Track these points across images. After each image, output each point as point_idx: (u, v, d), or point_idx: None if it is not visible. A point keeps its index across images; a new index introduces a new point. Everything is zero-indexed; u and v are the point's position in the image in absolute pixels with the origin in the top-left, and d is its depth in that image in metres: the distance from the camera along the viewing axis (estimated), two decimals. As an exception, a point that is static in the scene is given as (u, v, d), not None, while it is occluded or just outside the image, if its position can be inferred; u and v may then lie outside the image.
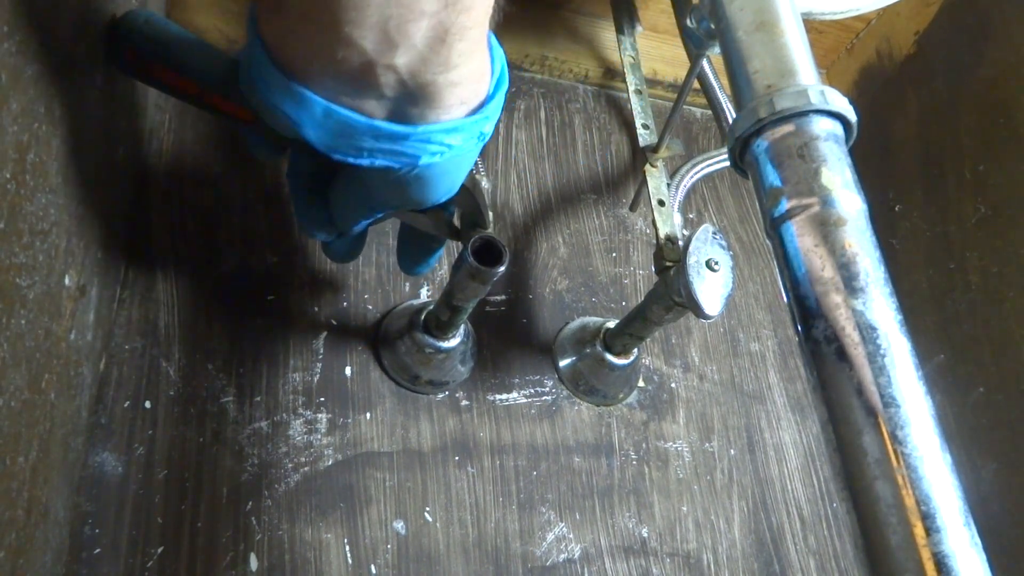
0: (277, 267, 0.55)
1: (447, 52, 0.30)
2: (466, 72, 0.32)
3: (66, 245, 0.37)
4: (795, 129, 0.32)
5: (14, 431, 0.32)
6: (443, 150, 0.33)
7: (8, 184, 0.28)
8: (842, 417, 0.29)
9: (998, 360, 0.62)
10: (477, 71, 0.33)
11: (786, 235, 0.31)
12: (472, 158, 0.37)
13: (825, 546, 0.60)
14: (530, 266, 0.63)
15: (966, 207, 0.67)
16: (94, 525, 0.44)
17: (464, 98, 0.33)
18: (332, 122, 0.32)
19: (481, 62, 0.33)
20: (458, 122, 0.33)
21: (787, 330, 0.70)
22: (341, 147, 0.33)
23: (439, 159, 0.34)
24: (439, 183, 0.37)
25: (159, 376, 0.49)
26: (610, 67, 0.74)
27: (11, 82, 0.28)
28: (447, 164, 0.35)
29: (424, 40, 0.29)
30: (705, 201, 0.75)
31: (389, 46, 0.29)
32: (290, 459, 0.49)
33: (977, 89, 0.68)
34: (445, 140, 0.33)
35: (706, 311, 0.45)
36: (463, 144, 0.34)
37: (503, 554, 0.51)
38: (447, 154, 0.34)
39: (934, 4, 0.73)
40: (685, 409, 0.62)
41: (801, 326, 0.31)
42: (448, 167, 0.35)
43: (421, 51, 0.29)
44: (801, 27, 0.36)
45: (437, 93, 0.31)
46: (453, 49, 0.30)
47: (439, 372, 0.54)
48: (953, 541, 0.26)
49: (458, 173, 0.38)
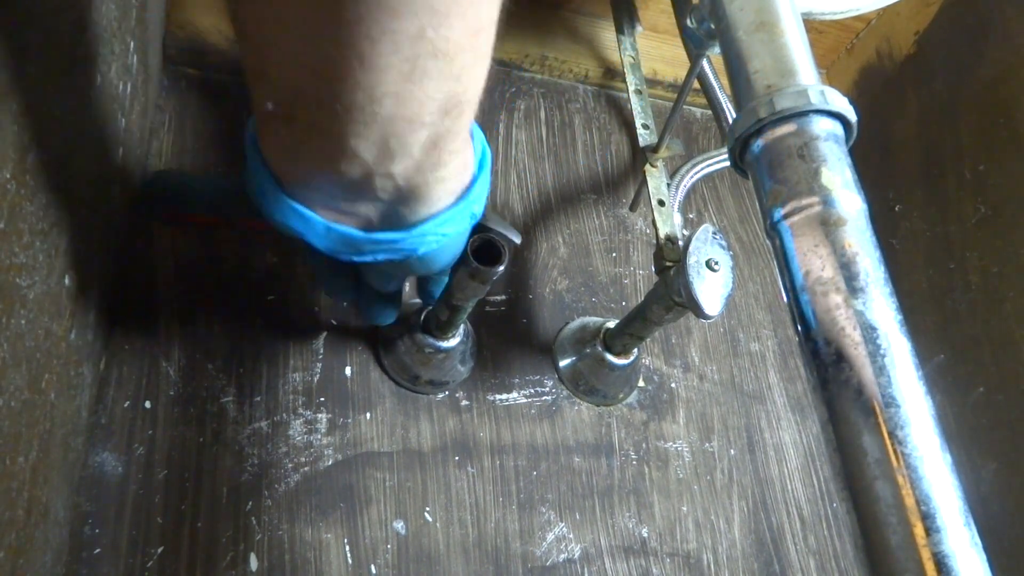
0: (277, 267, 0.55)
1: (438, 154, 0.31)
2: (454, 167, 0.33)
3: (66, 245, 0.36)
4: (795, 129, 0.32)
5: (14, 431, 0.32)
6: (439, 239, 0.35)
7: (8, 184, 0.28)
8: (842, 417, 0.29)
9: (998, 360, 0.62)
10: (463, 163, 0.34)
11: (786, 235, 0.31)
12: (467, 233, 0.39)
13: (825, 546, 0.60)
14: (530, 266, 0.63)
15: (966, 207, 0.67)
16: (94, 525, 0.44)
17: (452, 190, 0.34)
18: (334, 235, 0.34)
19: (466, 154, 0.34)
20: (448, 213, 0.35)
21: (787, 330, 0.70)
22: (344, 252, 0.35)
23: (436, 247, 0.36)
24: (442, 258, 0.39)
25: (159, 376, 0.49)
26: (610, 67, 0.74)
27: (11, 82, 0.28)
28: (447, 245, 0.37)
29: (420, 148, 0.30)
30: (705, 201, 0.75)
31: (388, 156, 0.30)
32: (290, 459, 0.49)
33: (977, 89, 0.68)
34: (439, 231, 0.35)
35: (706, 311, 0.45)
36: (457, 229, 0.36)
37: (503, 554, 0.51)
38: (443, 240, 0.36)
39: (934, 4, 0.73)
40: (685, 409, 0.62)
41: (801, 326, 0.31)
42: (448, 246, 0.37)
43: (417, 158, 0.30)
44: (801, 27, 0.36)
45: (428, 192, 0.33)
46: (444, 151, 0.31)
47: (439, 372, 0.54)
48: (953, 541, 0.26)
49: (459, 245, 0.40)
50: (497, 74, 0.72)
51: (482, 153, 0.36)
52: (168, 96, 0.58)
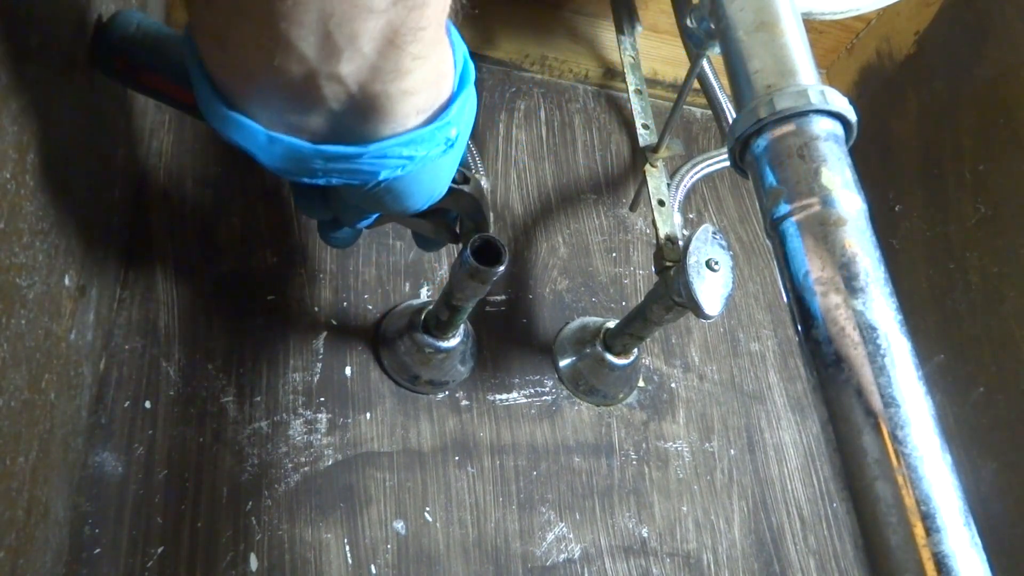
0: (277, 267, 0.55)
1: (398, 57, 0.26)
2: (421, 78, 0.28)
3: (66, 245, 0.36)
4: (795, 129, 0.32)
5: (14, 431, 0.32)
6: (404, 163, 0.31)
7: (8, 184, 0.28)
8: (842, 417, 0.28)
9: (998, 360, 0.62)
10: (433, 75, 0.29)
11: (786, 235, 0.31)
12: (450, 163, 0.35)
13: (825, 546, 0.60)
14: (530, 266, 0.63)
15: (966, 207, 0.67)
16: (94, 525, 0.44)
17: (420, 106, 0.30)
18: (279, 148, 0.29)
19: (439, 64, 0.30)
20: (416, 134, 0.30)
21: (787, 330, 0.70)
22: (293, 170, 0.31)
23: (402, 172, 0.31)
24: (414, 193, 0.34)
25: (159, 376, 0.49)
26: (610, 67, 0.74)
27: (11, 82, 0.28)
28: (418, 175, 0.32)
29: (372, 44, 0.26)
30: (705, 201, 0.75)
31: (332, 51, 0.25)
32: (290, 459, 0.49)
33: (977, 89, 0.68)
34: (404, 153, 0.30)
35: (706, 311, 0.45)
36: (428, 154, 0.31)
37: (503, 554, 0.51)
38: (410, 166, 0.31)
39: (934, 4, 0.73)
40: (685, 409, 0.62)
41: (801, 326, 0.31)
42: (420, 177, 0.33)
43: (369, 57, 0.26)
44: (801, 27, 0.36)
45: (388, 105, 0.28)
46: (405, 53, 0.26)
47: (439, 372, 0.54)
48: (953, 541, 0.26)
49: (435, 181, 0.35)
50: (497, 74, 0.72)
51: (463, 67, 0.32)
52: (168, 96, 0.58)
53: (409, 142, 0.30)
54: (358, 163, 0.30)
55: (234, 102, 0.29)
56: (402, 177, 0.32)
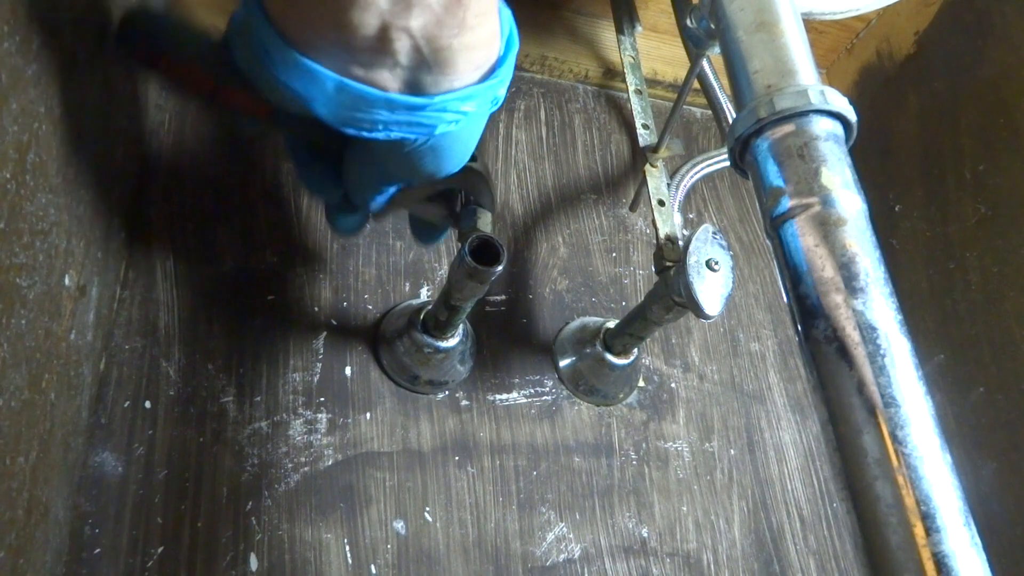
0: (277, 267, 0.55)
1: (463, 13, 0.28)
2: (481, 35, 0.30)
3: (66, 245, 0.36)
4: (795, 129, 0.32)
5: (14, 431, 0.32)
6: (459, 118, 0.32)
7: (8, 184, 0.28)
8: (842, 417, 0.28)
9: (998, 360, 0.62)
10: (490, 34, 0.31)
11: (786, 235, 0.31)
12: (482, 125, 0.36)
13: (825, 546, 0.60)
14: (530, 266, 0.63)
15: (966, 207, 0.67)
16: (94, 525, 0.44)
17: (478, 62, 0.31)
18: (345, 97, 0.30)
19: (494, 24, 0.31)
20: (473, 89, 0.32)
21: (787, 330, 0.70)
22: (355, 121, 0.31)
23: (454, 127, 0.33)
24: (452, 153, 0.35)
25: (159, 376, 0.49)
26: (610, 67, 0.74)
27: (11, 82, 0.28)
28: (461, 133, 0.34)
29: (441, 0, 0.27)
30: (705, 201, 0.75)
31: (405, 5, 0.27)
32: (290, 459, 0.49)
33: (977, 89, 0.68)
34: (461, 108, 0.32)
35: (706, 311, 0.45)
36: (477, 110, 0.33)
37: (503, 554, 0.51)
38: (462, 122, 0.32)
39: (934, 4, 0.73)
40: (685, 409, 0.62)
41: (801, 326, 0.31)
42: (462, 135, 0.34)
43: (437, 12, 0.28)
44: (801, 27, 0.36)
45: (452, 59, 0.30)
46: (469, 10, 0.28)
47: (438, 372, 0.54)
48: (953, 541, 0.26)
49: (470, 141, 0.36)
50: (497, 74, 0.72)
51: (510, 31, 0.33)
52: (168, 96, 0.58)
53: (467, 97, 0.31)
54: (420, 115, 0.31)
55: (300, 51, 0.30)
56: (447, 135, 0.33)
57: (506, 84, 0.34)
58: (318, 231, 0.57)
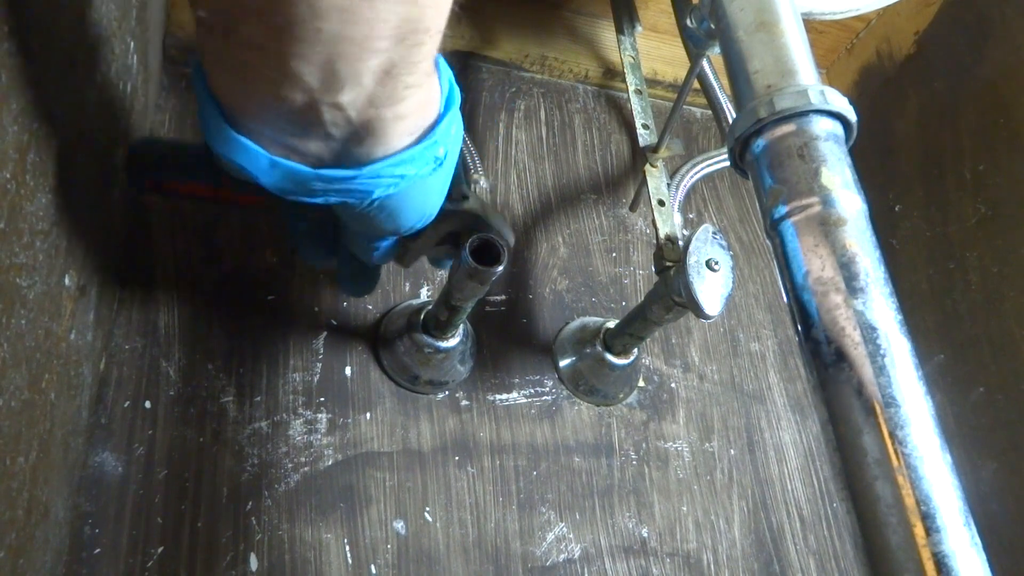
0: (277, 267, 0.55)
1: (393, 86, 0.29)
2: (412, 104, 0.31)
3: (66, 245, 0.36)
4: (795, 129, 0.32)
5: (14, 431, 0.32)
6: (396, 182, 0.33)
7: (8, 184, 0.28)
8: (842, 417, 0.28)
9: (998, 360, 0.62)
10: (423, 100, 0.32)
11: (786, 235, 0.31)
12: (440, 182, 0.37)
13: (825, 546, 0.60)
14: (530, 266, 0.63)
15: (966, 207, 0.67)
16: (94, 525, 0.44)
17: (410, 129, 0.32)
18: (279, 171, 0.31)
19: (429, 90, 0.32)
20: (406, 154, 0.32)
21: (787, 330, 0.70)
22: (293, 191, 0.33)
23: (394, 190, 0.33)
24: (405, 210, 0.36)
25: (159, 376, 0.49)
26: (610, 67, 0.74)
27: (11, 82, 0.28)
28: (409, 192, 0.34)
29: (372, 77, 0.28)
30: (705, 201, 0.75)
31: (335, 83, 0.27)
32: (290, 459, 0.49)
33: (977, 89, 0.68)
34: (396, 172, 0.32)
35: (706, 311, 0.45)
36: (418, 172, 0.33)
37: (503, 554, 0.51)
38: (402, 184, 0.33)
39: (934, 4, 0.73)
40: (685, 409, 0.62)
41: (801, 326, 0.31)
42: (411, 194, 0.35)
43: (368, 88, 0.28)
44: (801, 27, 0.36)
45: (382, 129, 0.30)
46: (399, 83, 0.29)
47: (438, 372, 0.54)
48: (953, 541, 0.26)
49: (425, 199, 0.37)
50: (497, 74, 0.72)
51: (449, 91, 0.34)
52: (168, 96, 0.58)
53: (400, 162, 0.32)
54: (354, 183, 0.32)
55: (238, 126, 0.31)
56: (394, 195, 0.34)
57: (447, 144, 0.34)
58: (318, 231, 0.57)
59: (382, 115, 0.30)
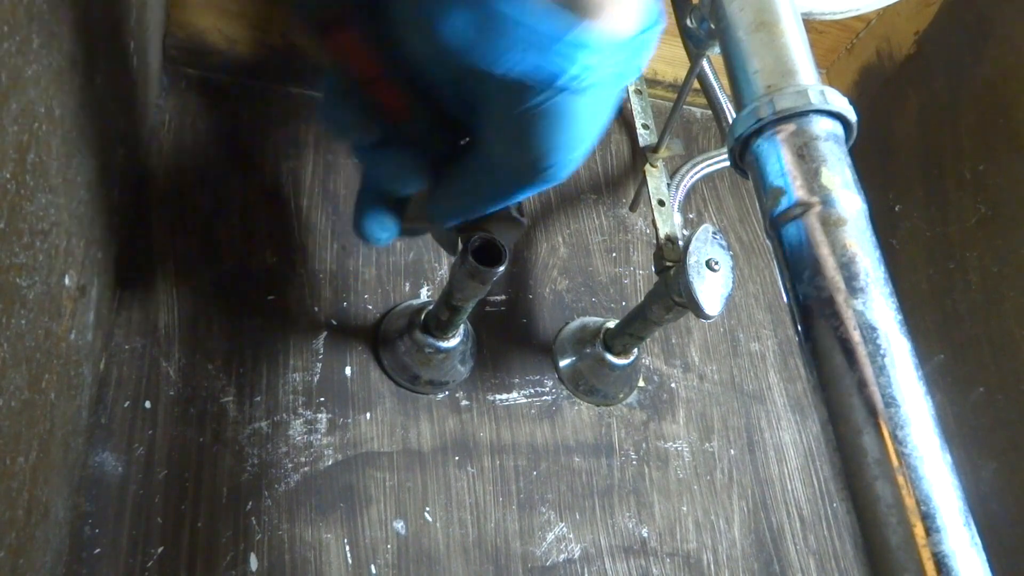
0: (277, 267, 0.55)
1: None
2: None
3: (66, 245, 0.36)
4: (795, 129, 0.32)
5: (14, 431, 0.32)
6: (589, 68, 0.28)
7: (8, 184, 0.28)
8: (842, 417, 0.28)
9: (998, 360, 0.62)
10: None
11: (786, 235, 0.31)
12: (608, 106, 0.31)
13: (825, 546, 0.60)
14: (530, 266, 0.63)
15: (966, 207, 0.67)
16: (94, 525, 0.44)
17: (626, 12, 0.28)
18: (477, 15, 0.27)
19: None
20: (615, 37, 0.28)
21: (787, 330, 0.70)
22: (481, 47, 0.28)
23: (586, 80, 0.28)
24: (569, 127, 0.30)
25: (159, 376, 0.49)
26: (610, 67, 0.74)
27: (11, 82, 0.28)
28: (585, 99, 0.29)
29: None
30: (705, 201, 0.75)
31: None
32: (290, 459, 0.49)
33: (977, 89, 0.68)
34: (595, 55, 0.28)
35: (706, 311, 0.45)
36: (612, 71, 0.29)
37: (503, 554, 0.51)
38: (586, 81, 0.28)
39: (934, 4, 0.73)
40: (685, 409, 0.62)
41: (801, 326, 0.31)
42: (586, 103, 0.30)
43: None
44: (801, 27, 0.36)
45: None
46: None
47: (439, 372, 0.54)
48: (953, 541, 0.26)
49: (592, 119, 0.31)
50: (497, 74, 0.72)
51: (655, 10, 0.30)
52: (168, 96, 0.58)
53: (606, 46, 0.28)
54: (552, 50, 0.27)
55: None
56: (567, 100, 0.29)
57: (648, 51, 0.30)
58: (318, 231, 0.57)
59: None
